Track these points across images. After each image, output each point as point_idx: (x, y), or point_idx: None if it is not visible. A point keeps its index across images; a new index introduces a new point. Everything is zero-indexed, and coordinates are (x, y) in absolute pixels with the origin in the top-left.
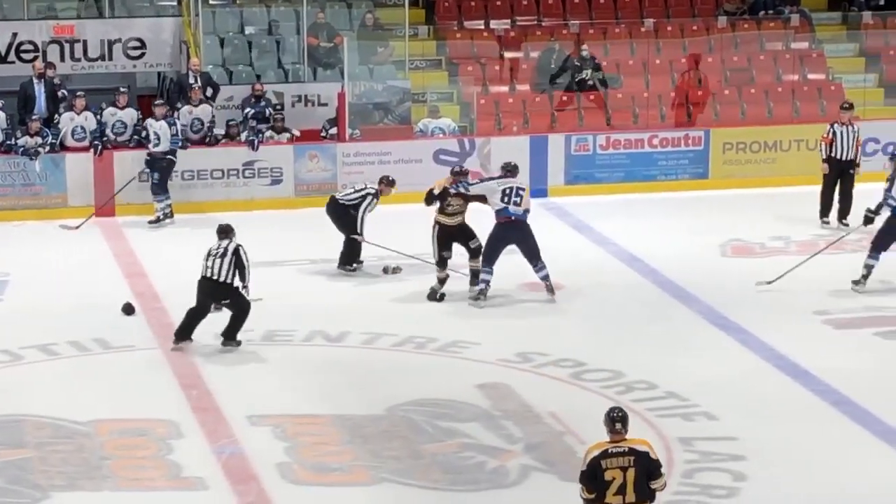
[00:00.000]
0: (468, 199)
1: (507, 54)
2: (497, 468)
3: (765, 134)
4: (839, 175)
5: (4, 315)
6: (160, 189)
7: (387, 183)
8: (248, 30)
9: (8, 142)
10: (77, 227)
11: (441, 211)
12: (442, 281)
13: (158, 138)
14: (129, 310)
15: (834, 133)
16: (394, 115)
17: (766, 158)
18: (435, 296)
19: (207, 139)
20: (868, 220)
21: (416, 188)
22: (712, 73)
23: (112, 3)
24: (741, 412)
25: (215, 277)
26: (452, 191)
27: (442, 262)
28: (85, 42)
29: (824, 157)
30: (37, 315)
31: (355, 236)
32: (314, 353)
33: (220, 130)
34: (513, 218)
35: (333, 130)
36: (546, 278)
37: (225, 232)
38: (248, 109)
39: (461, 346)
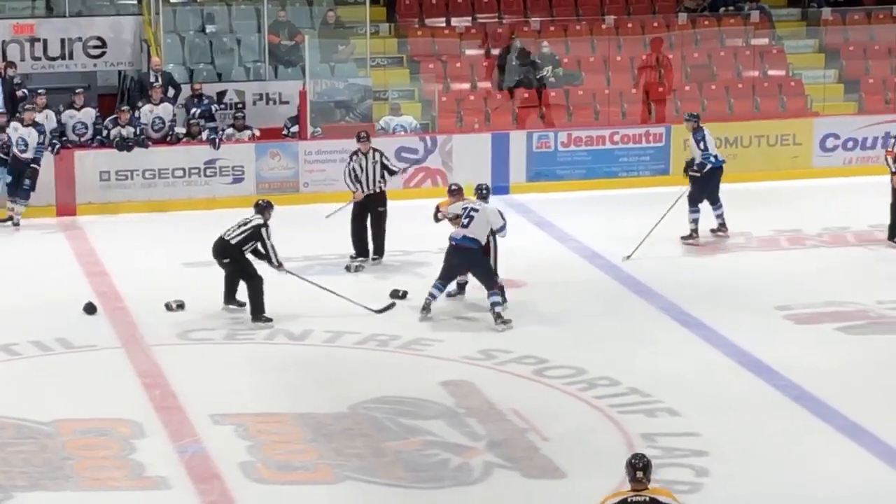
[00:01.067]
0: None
1: (468, 51)
2: (461, 465)
3: (725, 130)
4: None
5: None
6: (26, 195)
7: (267, 207)
8: (209, 28)
9: None
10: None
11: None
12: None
13: (26, 144)
14: (90, 309)
15: None
16: (355, 112)
17: (727, 154)
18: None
19: (168, 138)
20: (687, 169)
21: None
22: (673, 69)
23: (72, 1)
24: (703, 408)
25: (224, 235)
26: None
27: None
28: (45, 41)
29: (893, 170)
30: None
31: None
32: (277, 352)
33: (181, 129)
34: (452, 242)
35: (295, 128)
36: (494, 306)
37: (259, 208)
38: (193, 109)
39: (424, 344)
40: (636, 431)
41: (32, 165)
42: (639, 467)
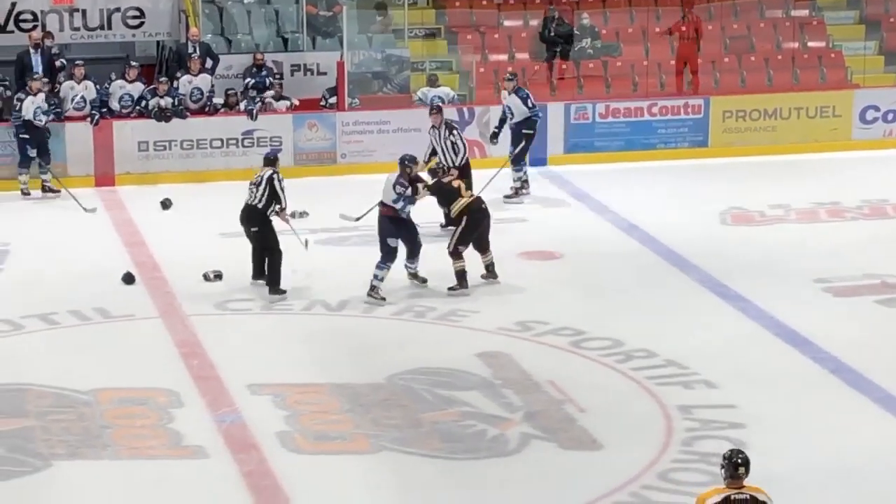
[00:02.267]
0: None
1: (507, 22)
2: (497, 436)
3: (764, 102)
4: None
5: (5, 285)
6: (30, 163)
7: (276, 159)
8: None
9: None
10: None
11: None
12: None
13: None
14: (129, 279)
15: None
16: (393, 84)
17: (766, 126)
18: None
19: (207, 108)
20: (494, 137)
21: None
22: (712, 41)
23: None
24: (741, 380)
25: (250, 202)
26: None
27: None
28: (84, 11)
29: None
30: (37, 284)
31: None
32: (314, 322)
33: (219, 100)
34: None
35: (333, 100)
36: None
37: (267, 160)
38: (248, 80)
39: (461, 315)
40: (673, 403)
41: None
42: (741, 463)
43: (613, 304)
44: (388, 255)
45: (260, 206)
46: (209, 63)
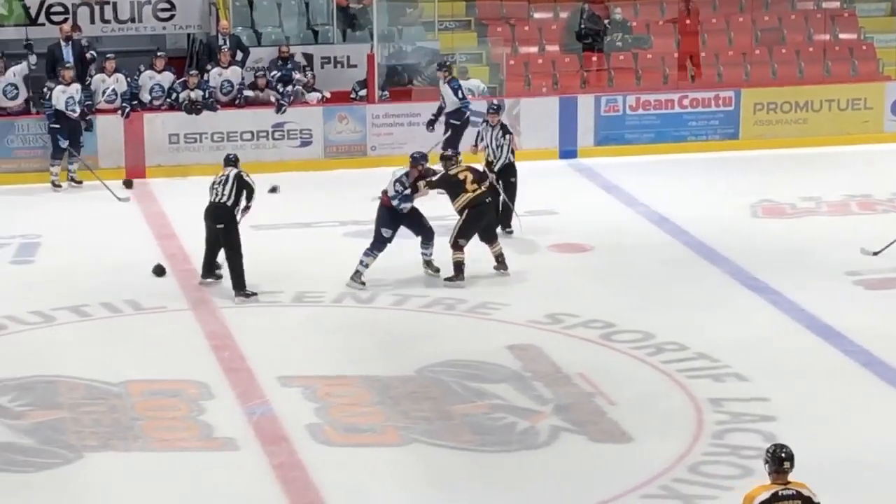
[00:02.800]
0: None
1: (537, 14)
2: (527, 429)
3: (796, 94)
4: None
5: (36, 277)
6: (62, 154)
7: (237, 160)
8: None
9: (35, 95)
10: None
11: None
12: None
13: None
14: (160, 271)
15: None
16: (423, 76)
17: (797, 119)
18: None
19: (237, 101)
20: (430, 124)
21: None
22: (743, 32)
23: None
24: (772, 373)
25: (216, 199)
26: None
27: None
28: (115, 4)
29: None
30: (68, 276)
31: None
32: (344, 315)
33: (249, 92)
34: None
35: (363, 92)
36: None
37: (228, 161)
38: (274, 72)
39: (491, 308)
40: (704, 396)
41: (87, 118)
42: (785, 457)
43: (644, 296)
44: (379, 244)
45: (228, 203)
46: (239, 55)
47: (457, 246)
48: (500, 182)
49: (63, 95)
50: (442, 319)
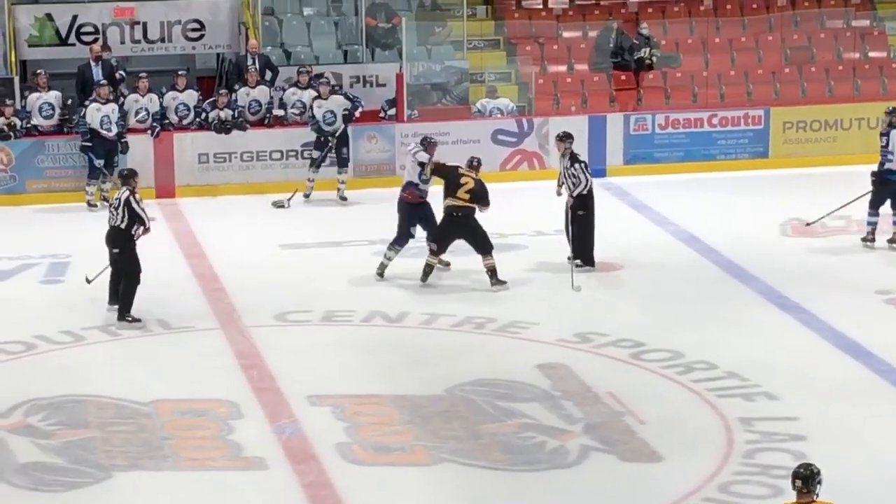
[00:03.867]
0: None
1: (566, 34)
2: (557, 448)
3: (825, 112)
4: None
5: (66, 296)
6: (99, 174)
7: (130, 175)
8: (307, 10)
9: (66, 117)
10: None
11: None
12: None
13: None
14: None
15: None
16: (452, 95)
17: (827, 137)
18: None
19: (266, 120)
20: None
21: None
22: (772, 51)
23: None
24: (802, 392)
25: (111, 223)
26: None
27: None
28: (145, 24)
29: None
30: (98, 296)
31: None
32: (373, 334)
33: (279, 111)
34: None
35: (392, 111)
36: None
37: (121, 176)
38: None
39: (520, 327)
40: (734, 415)
41: (124, 139)
42: (795, 477)
43: (673, 315)
44: (403, 239)
45: (123, 226)
46: (268, 75)
47: (430, 248)
48: (570, 213)
49: (98, 114)
50: (471, 338)
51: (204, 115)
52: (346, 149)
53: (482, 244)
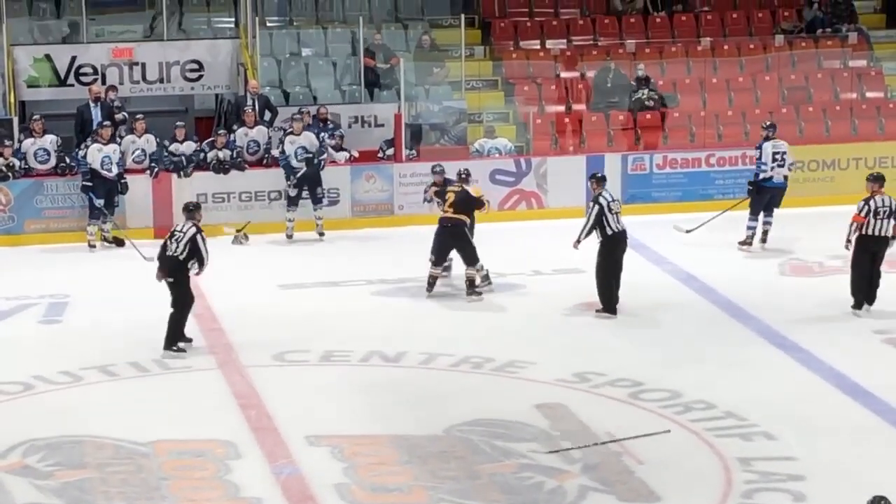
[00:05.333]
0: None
1: (563, 74)
2: (555, 489)
3: (823, 152)
4: None
5: (64, 336)
6: (100, 215)
7: (195, 209)
8: (305, 51)
9: (64, 163)
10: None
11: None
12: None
13: (111, 162)
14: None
15: None
16: (450, 135)
17: (824, 177)
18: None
19: (264, 160)
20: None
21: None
22: (770, 91)
23: (170, 25)
24: (800, 432)
25: (168, 252)
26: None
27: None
28: (143, 65)
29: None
30: (96, 336)
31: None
32: (372, 374)
33: (276, 151)
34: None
35: (390, 151)
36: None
37: (187, 210)
38: (323, 135)
39: (518, 367)
40: (732, 455)
41: (123, 180)
42: None
43: (672, 355)
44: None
45: (181, 258)
46: (268, 115)
47: (430, 260)
48: (601, 256)
49: (99, 154)
50: (469, 378)
51: (202, 154)
52: (320, 187)
53: (468, 255)
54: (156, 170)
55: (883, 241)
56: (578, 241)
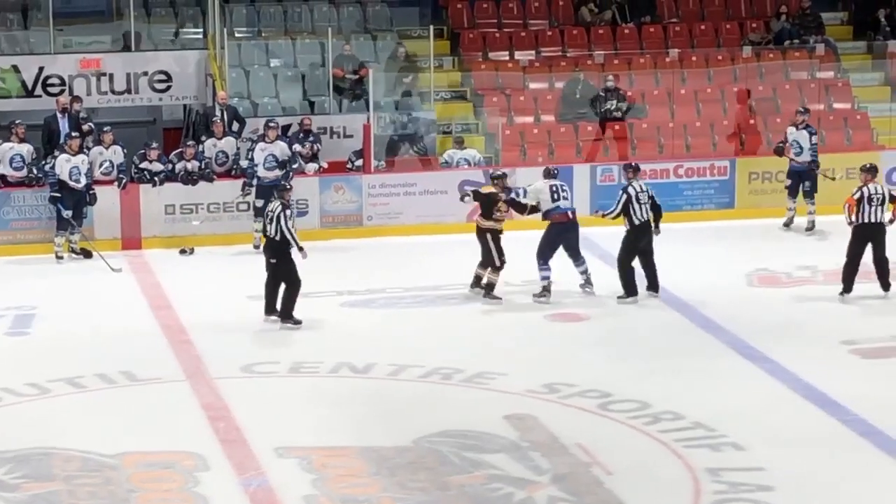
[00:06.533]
0: (518, 207)
1: (532, 85)
2: (524, 499)
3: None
4: None
5: (32, 348)
6: (67, 226)
7: (284, 189)
8: (274, 62)
9: (33, 174)
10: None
11: (489, 217)
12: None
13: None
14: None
15: None
16: (419, 146)
17: None
18: (490, 291)
19: (232, 171)
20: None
21: (441, 219)
22: (737, 102)
23: (138, 36)
24: (769, 442)
25: (268, 235)
26: (504, 197)
27: (502, 266)
28: (111, 75)
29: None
30: (64, 348)
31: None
32: (341, 385)
33: (244, 162)
34: (569, 214)
35: (359, 162)
36: (585, 272)
37: (277, 191)
38: (295, 145)
39: (487, 377)
40: (701, 466)
41: (91, 191)
42: None
43: (640, 366)
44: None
45: (278, 238)
46: (236, 126)
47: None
48: (625, 244)
49: (67, 165)
50: (439, 389)
51: (171, 166)
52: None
53: (484, 258)
54: (124, 181)
55: (879, 226)
56: (602, 216)
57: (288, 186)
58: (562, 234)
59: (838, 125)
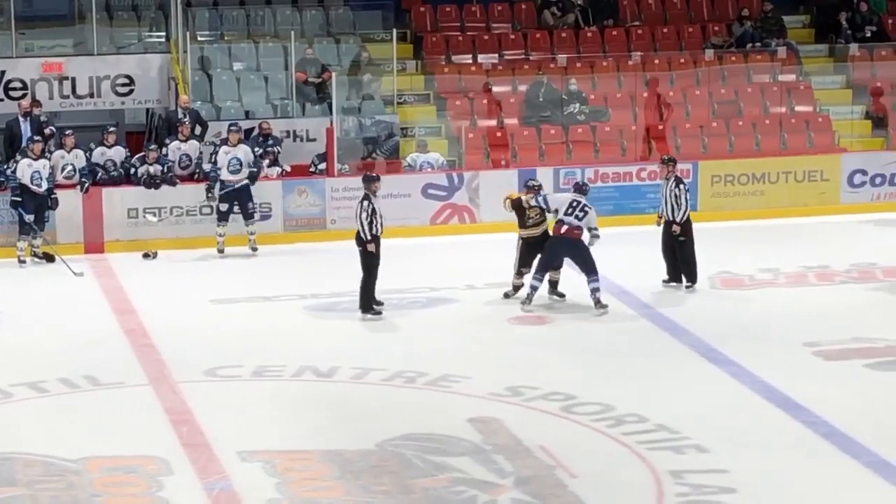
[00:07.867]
0: (545, 210)
1: (496, 88)
2: (488, 502)
3: (752, 166)
4: None
5: None
6: (43, 227)
7: (369, 179)
8: (237, 66)
9: None
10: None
11: (522, 225)
12: (516, 288)
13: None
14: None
15: None
16: (382, 149)
17: (754, 191)
18: (507, 296)
19: (195, 175)
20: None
21: (404, 222)
22: (700, 105)
23: (100, 39)
24: (732, 444)
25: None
26: (532, 203)
27: (519, 274)
28: (73, 79)
29: None
30: (26, 352)
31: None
32: (304, 389)
33: (207, 165)
34: (570, 229)
35: (322, 165)
36: (595, 291)
37: (365, 179)
38: (256, 149)
39: (451, 381)
40: (664, 468)
41: (53, 195)
42: None
43: (604, 368)
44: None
45: (358, 228)
46: (199, 130)
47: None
48: (682, 236)
49: (29, 169)
50: (402, 393)
51: (133, 170)
52: (251, 202)
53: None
54: (86, 185)
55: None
56: (679, 224)
57: (374, 176)
58: (554, 246)
59: (800, 128)
